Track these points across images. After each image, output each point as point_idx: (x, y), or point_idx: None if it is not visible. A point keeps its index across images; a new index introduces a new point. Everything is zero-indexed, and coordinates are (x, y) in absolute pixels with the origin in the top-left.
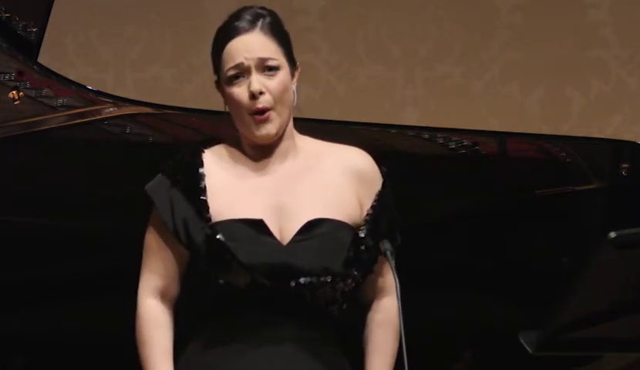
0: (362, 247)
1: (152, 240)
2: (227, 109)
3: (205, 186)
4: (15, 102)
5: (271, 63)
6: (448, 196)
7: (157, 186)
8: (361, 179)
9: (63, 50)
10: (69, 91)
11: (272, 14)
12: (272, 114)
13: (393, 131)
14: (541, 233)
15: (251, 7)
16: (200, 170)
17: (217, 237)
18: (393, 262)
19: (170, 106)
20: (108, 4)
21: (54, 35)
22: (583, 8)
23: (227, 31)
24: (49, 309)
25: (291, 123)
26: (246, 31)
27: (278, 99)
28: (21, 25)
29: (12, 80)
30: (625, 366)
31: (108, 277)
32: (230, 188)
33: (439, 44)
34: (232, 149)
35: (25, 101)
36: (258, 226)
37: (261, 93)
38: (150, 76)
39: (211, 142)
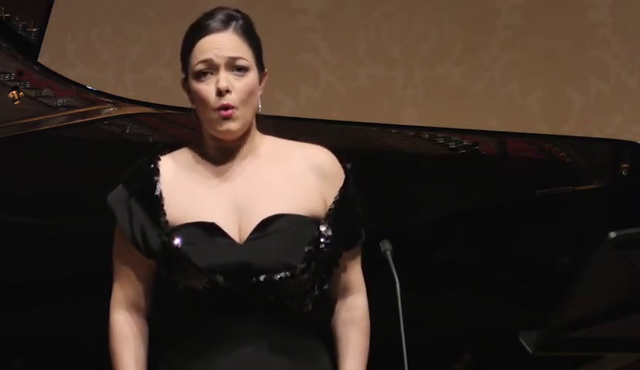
0: (323, 241)
1: (117, 252)
2: (193, 106)
3: (160, 194)
4: (15, 102)
5: (240, 63)
6: (448, 196)
7: (117, 197)
8: (324, 176)
9: (63, 50)
10: (69, 91)
11: (245, 17)
12: (236, 112)
13: (393, 131)
14: (541, 233)
15: (225, 8)
16: (155, 178)
17: (173, 242)
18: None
19: (170, 106)
20: (108, 4)
21: (54, 35)
22: (583, 8)
23: (199, 29)
24: (49, 309)
25: (254, 125)
26: (219, 30)
27: (244, 100)
28: (21, 25)
29: (12, 80)
30: (625, 366)
31: (108, 277)
32: (187, 193)
33: (439, 44)
34: (192, 153)
35: (25, 101)
36: (213, 228)
37: (228, 91)
38: (150, 76)
39: (170, 147)
